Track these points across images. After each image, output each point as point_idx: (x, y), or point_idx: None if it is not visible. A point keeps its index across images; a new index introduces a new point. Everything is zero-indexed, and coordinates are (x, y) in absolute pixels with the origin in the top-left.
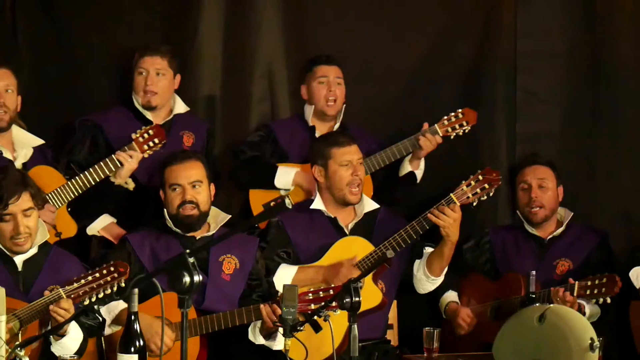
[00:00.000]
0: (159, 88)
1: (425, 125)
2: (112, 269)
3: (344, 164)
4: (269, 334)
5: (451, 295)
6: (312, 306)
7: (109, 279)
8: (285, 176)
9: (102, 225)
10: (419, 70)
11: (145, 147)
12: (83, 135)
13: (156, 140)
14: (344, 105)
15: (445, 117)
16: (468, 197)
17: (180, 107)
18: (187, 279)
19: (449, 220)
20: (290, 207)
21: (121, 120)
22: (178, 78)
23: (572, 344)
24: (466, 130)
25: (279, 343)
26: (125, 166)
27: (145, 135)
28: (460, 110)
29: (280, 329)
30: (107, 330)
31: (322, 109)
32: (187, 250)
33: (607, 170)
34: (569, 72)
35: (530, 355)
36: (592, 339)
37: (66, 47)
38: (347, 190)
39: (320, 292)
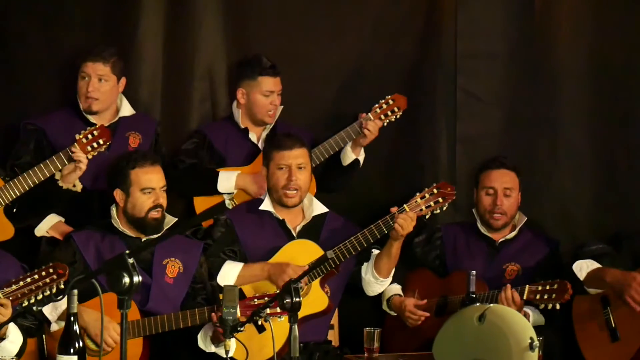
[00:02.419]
0: (101, 94)
1: (363, 115)
2: (51, 270)
3: (281, 167)
4: (220, 341)
5: (394, 288)
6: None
7: (47, 280)
8: (227, 181)
9: (49, 225)
10: (359, 71)
11: (89, 148)
12: (27, 139)
13: (101, 141)
14: (281, 107)
15: (377, 105)
16: (421, 210)
17: (126, 109)
18: (126, 279)
19: (410, 227)
20: (230, 207)
21: (65, 123)
22: (123, 81)
23: (512, 343)
24: (398, 116)
25: (231, 349)
26: (80, 165)
27: (90, 136)
28: (389, 96)
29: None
30: (54, 327)
31: (263, 119)
32: (127, 251)
33: (547, 171)
34: (508, 73)
35: (470, 354)
36: (531, 338)
37: (4, 47)
38: (282, 193)
39: (266, 297)
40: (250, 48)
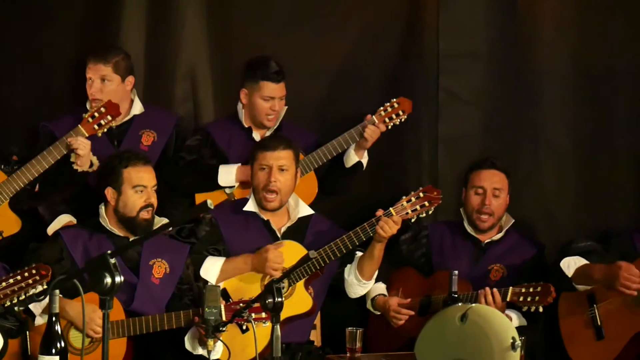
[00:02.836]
0: (104, 95)
1: (368, 117)
2: (33, 271)
3: (262, 168)
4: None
5: (379, 288)
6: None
7: (30, 281)
8: (228, 174)
9: (61, 224)
10: (343, 70)
11: (96, 127)
12: (43, 139)
13: (109, 117)
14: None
15: (382, 108)
16: (407, 213)
17: (137, 108)
18: (108, 279)
19: (394, 230)
20: (212, 206)
21: (74, 125)
22: (130, 79)
23: (493, 343)
24: (402, 120)
25: (217, 353)
26: (78, 152)
27: (96, 114)
28: (395, 99)
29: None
30: (39, 320)
31: (262, 122)
32: (109, 251)
33: (529, 171)
34: (490, 73)
35: (452, 354)
36: (513, 338)
37: None
38: (262, 195)
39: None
40: (233, 47)
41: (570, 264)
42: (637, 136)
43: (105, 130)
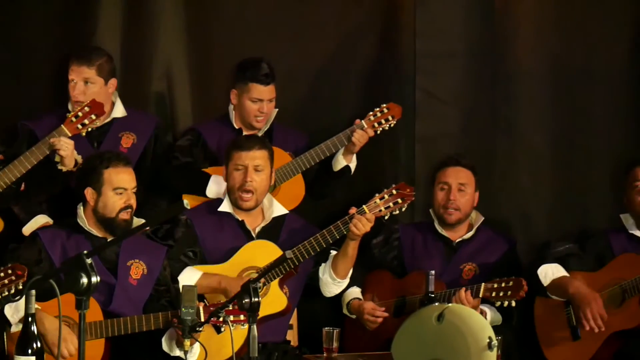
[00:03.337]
0: (87, 97)
1: (357, 121)
2: (9, 271)
3: (238, 168)
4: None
5: (354, 292)
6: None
7: (6, 281)
8: (218, 186)
9: (38, 224)
10: (321, 71)
11: (79, 126)
12: (22, 138)
13: (93, 116)
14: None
15: (371, 113)
16: (380, 211)
17: (119, 110)
18: (84, 280)
19: (367, 227)
20: (187, 207)
21: (55, 126)
22: (113, 82)
23: (470, 343)
24: (392, 125)
25: (193, 355)
26: (61, 152)
27: (80, 114)
28: (385, 105)
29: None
30: (14, 329)
31: (251, 123)
32: (85, 252)
33: (506, 171)
34: (467, 73)
35: (429, 354)
36: (490, 337)
37: None
38: (238, 195)
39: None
40: (210, 48)
41: (548, 273)
42: (613, 136)
43: (90, 129)
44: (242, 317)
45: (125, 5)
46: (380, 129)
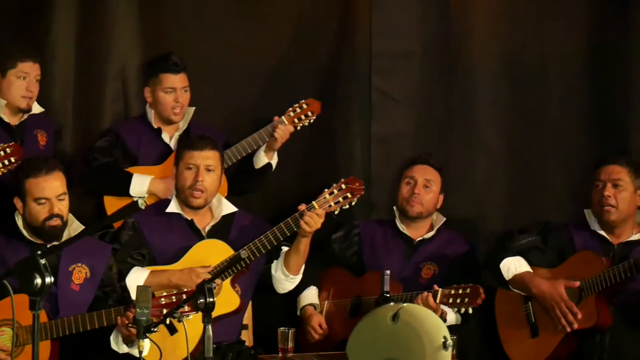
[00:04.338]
0: (35, 92)
1: (276, 118)
2: None
3: (189, 167)
4: (132, 341)
5: (310, 296)
6: (165, 310)
7: None
8: (140, 185)
9: None
10: (276, 70)
11: None
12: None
13: (12, 159)
14: (193, 108)
15: (290, 109)
16: (330, 206)
17: (36, 107)
18: (38, 280)
19: (318, 224)
20: (143, 207)
21: None
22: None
23: (425, 342)
24: (311, 120)
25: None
26: None
27: (1, 153)
28: (303, 100)
29: None
30: None
31: (169, 117)
32: (39, 252)
33: (461, 170)
34: (423, 73)
35: (384, 354)
36: (445, 337)
37: None
38: (188, 193)
39: (173, 297)
40: (164, 48)
41: (510, 268)
42: (568, 135)
43: (6, 171)
44: (186, 307)
45: (80, 6)
46: (301, 124)
